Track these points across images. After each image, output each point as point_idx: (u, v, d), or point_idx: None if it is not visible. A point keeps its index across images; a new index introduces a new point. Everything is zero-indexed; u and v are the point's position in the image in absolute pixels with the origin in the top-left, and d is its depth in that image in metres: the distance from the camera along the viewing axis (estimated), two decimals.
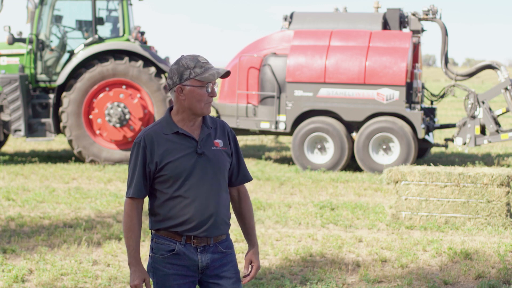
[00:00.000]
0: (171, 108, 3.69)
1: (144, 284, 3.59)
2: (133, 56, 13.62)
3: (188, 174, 3.57)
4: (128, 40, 13.76)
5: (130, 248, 3.59)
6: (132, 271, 3.58)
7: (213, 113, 14.59)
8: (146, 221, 8.84)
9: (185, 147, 3.60)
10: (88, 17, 14.09)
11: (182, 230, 3.59)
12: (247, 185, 11.24)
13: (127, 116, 13.48)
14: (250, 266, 3.80)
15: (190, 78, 3.54)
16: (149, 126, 3.66)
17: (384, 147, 12.88)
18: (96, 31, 13.81)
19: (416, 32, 13.59)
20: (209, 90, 3.58)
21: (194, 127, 3.64)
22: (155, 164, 3.57)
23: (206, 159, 3.61)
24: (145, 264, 3.70)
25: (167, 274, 3.61)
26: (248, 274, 3.77)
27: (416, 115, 12.75)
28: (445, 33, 13.59)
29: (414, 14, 13.59)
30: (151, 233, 3.70)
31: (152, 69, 13.55)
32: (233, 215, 3.82)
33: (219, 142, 3.68)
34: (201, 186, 3.59)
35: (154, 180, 3.61)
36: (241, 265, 6.73)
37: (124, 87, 13.63)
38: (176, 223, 3.59)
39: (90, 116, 13.57)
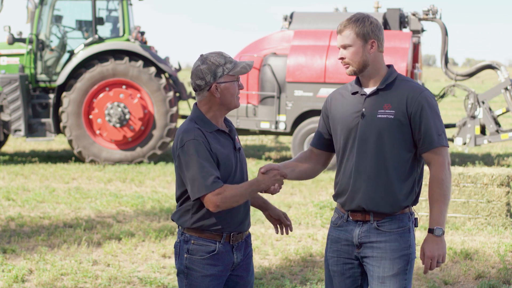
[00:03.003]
0: (196, 106, 3.64)
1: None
2: (133, 56, 13.62)
3: (234, 170, 3.61)
4: (128, 40, 13.76)
5: (244, 187, 3.50)
6: (259, 179, 3.54)
7: None
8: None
9: (227, 143, 3.62)
10: (88, 17, 14.10)
11: (225, 227, 3.57)
12: None
13: (127, 116, 13.48)
14: (284, 217, 3.86)
15: (224, 75, 3.55)
16: (189, 126, 3.56)
17: None
18: (96, 31, 13.81)
19: (416, 32, 13.58)
20: (240, 83, 3.62)
21: (223, 123, 3.69)
22: (216, 160, 3.52)
23: (240, 154, 3.68)
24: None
25: (205, 276, 3.56)
26: (288, 223, 3.85)
27: None
28: (445, 33, 13.59)
29: (414, 14, 13.59)
30: (185, 234, 3.62)
31: (152, 69, 13.55)
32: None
33: (237, 138, 3.77)
34: (240, 181, 3.63)
35: None
36: None
37: (124, 87, 13.63)
38: (219, 221, 3.56)
39: (90, 116, 13.58)
